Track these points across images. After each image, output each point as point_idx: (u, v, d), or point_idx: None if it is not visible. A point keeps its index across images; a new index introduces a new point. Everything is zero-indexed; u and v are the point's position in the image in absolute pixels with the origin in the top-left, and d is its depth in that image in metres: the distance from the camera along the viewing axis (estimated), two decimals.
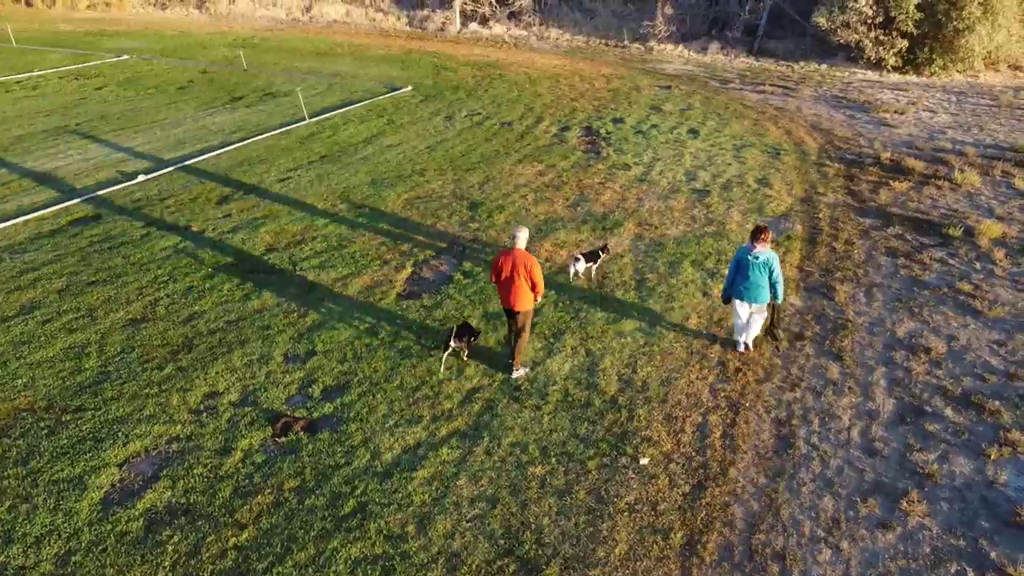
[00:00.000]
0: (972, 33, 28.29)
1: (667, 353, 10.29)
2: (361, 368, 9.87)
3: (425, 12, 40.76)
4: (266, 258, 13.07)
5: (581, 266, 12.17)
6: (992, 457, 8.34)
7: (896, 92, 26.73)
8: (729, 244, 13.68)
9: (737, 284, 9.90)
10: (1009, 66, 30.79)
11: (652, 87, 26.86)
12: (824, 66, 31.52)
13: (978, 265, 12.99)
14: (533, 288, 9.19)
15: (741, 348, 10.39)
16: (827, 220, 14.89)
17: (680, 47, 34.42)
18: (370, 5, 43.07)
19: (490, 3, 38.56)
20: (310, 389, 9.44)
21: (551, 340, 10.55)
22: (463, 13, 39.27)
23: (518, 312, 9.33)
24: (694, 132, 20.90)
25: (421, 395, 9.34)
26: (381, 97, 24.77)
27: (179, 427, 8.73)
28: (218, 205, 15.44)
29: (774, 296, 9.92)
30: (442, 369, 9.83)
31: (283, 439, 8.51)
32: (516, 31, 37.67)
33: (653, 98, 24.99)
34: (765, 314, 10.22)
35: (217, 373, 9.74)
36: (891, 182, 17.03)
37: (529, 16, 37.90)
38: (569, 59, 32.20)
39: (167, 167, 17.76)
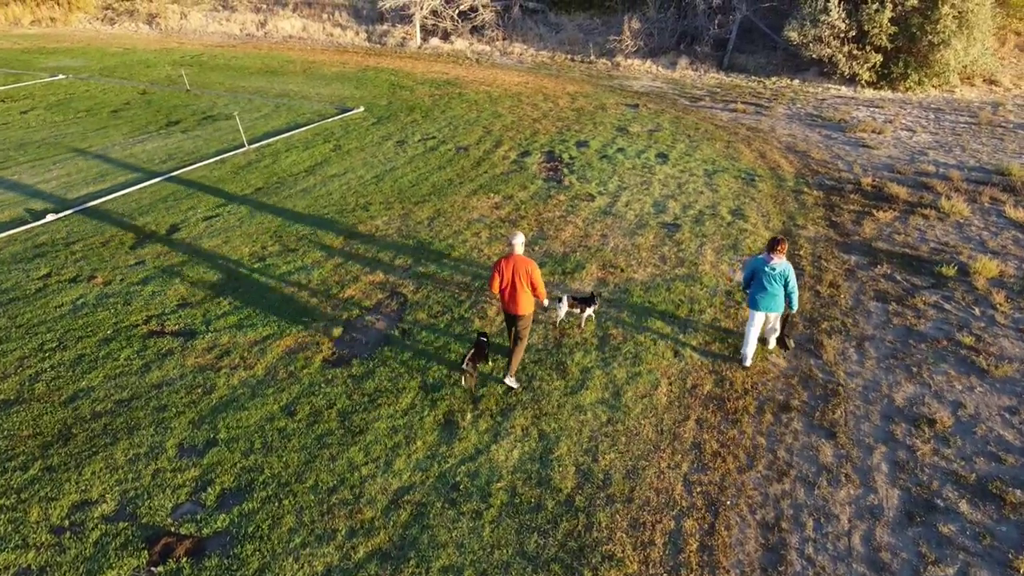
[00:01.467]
0: (948, 47, 27.36)
1: (633, 434, 8.79)
2: (269, 462, 8.26)
3: (385, 26, 39.22)
4: (176, 315, 11.40)
5: (564, 309, 10.75)
6: (1021, 571, 6.93)
7: (872, 109, 25.67)
8: (702, 289, 12.26)
9: (753, 294, 9.79)
10: (984, 80, 29.94)
11: (619, 106, 25.53)
12: (796, 81, 30.45)
13: (977, 311, 11.68)
14: (534, 291, 9.19)
15: (748, 361, 10.19)
16: (808, 258, 13.54)
17: (648, 62, 33.20)
18: (327, 19, 41.45)
19: (452, 17, 37.12)
20: (204, 494, 7.81)
21: (498, 419, 9.01)
22: (424, 27, 37.80)
23: (520, 317, 9.29)
24: (663, 156, 19.54)
25: (338, 499, 7.75)
26: (330, 119, 23.16)
27: (32, 554, 7.06)
28: (132, 250, 13.73)
29: (789, 306, 9.90)
30: (465, 385, 9.65)
31: (159, 569, 6.88)
32: (479, 46, 36.26)
33: (619, 118, 23.64)
34: (778, 324, 10.24)
35: (93, 474, 8.08)
36: (874, 211, 15.76)
37: (492, 31, 36.50)
38: (533, 76, 30.82)
39: (82, 204, 16.01)
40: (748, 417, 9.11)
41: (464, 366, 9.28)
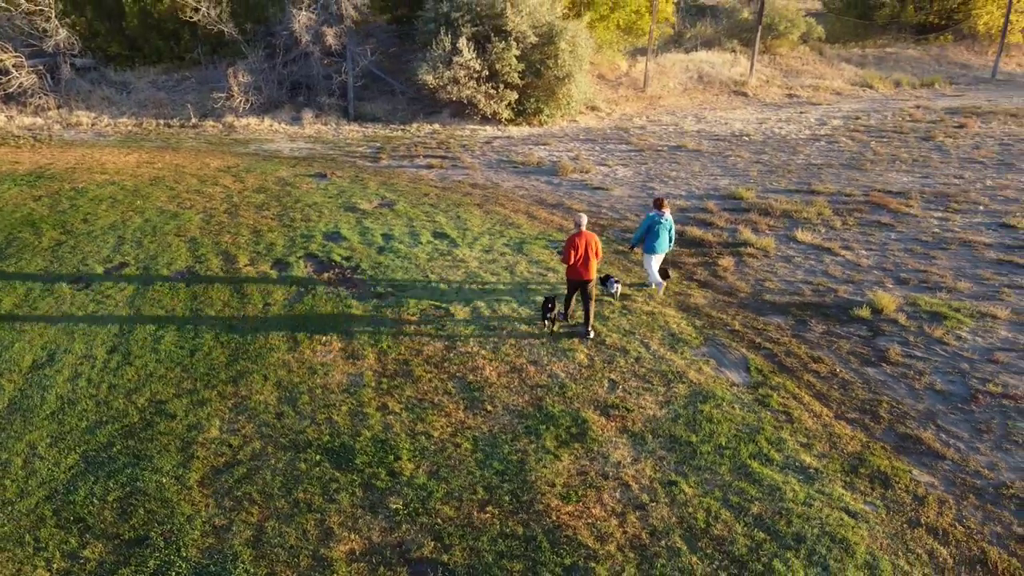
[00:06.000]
0: (572, 80, 28.95)
1: None
2: None
3: None
4: None
5: (619, 287, 13.26)
6: None
7: (541, 147, 25.76)
8: (730, 405, 10.01)
9: (650, 242, 13.09)
10: (588, 108, 32.63)
11: (301, 177, 21.08)
12: (437, 125, 29.28)
13: (939, 350, 11.70)
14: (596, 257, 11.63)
15: (661, 290, 13.60)
16: (749, 332, 12.23)
17: (266, 120, 28.61)
18: None
19: None
20: None
21: None
22: None
23: (589, 281, 11.55)
24: (443, 236, 16.33)
25: None
26: None
27: None
28: None
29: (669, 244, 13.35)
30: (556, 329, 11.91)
31: None
32: (25, 119, 27.00)
33: (325, 195, 19.40)
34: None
35: None
36: (712, 260, 15.27)
37: (40, 98, 27.56)
38: (144, 152, 23.92)
39: None
40: None
41: (547, 317, 11.83)
